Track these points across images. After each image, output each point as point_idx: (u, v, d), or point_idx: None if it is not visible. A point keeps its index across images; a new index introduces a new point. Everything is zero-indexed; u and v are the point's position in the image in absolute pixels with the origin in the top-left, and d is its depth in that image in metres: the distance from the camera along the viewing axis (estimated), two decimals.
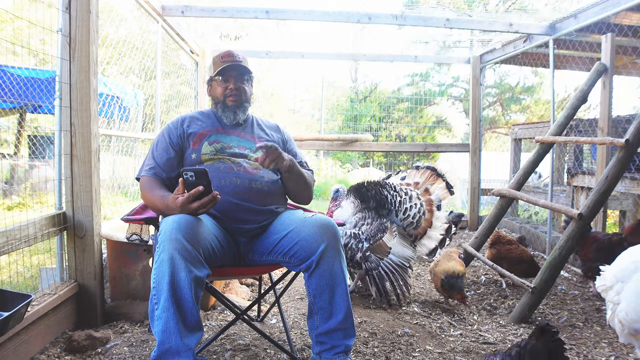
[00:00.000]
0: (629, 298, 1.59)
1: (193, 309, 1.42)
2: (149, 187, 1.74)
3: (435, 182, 2.98)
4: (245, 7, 3.61)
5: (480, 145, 5.17)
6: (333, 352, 1.61)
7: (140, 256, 2.31)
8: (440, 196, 2.93)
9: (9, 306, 1.53)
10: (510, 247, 3.03)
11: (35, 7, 1.96)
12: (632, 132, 2.45)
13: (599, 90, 3.16)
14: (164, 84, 4.42)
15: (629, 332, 1.61)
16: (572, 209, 2.60)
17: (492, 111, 12.77)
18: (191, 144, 1.83)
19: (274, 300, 2.35)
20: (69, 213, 2.14)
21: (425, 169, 3.04)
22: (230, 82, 1.87)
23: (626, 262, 1.68)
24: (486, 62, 5.02)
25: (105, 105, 3.58)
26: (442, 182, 2.97)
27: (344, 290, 1.61)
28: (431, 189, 2.96)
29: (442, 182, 2.97)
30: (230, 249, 1.73)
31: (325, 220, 1.65)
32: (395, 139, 9.12)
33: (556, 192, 4.39)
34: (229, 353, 1.91)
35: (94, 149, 2.15)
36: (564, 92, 9.52)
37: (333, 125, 10.57)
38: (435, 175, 2.99)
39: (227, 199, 1.72)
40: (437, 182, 2.98)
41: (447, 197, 2.93)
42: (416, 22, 3.85)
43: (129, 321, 2.24)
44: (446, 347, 2.10)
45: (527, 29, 3.87)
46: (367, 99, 12.28)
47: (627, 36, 3.70)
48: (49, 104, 4.89)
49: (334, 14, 3.78)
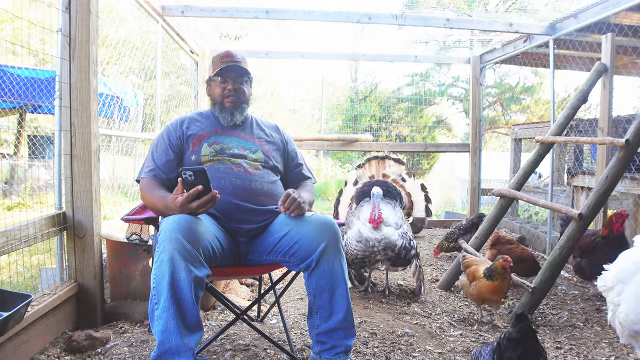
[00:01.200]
0: (629, 300, 1.59)
1: (193, 309, 1.42)
2: (148, 188, 1.74)
3: (384, 164, 3.21)
4: (245, 7, 3.61)
5: (480, 145, 5.17)
6: (333, 352, 1.61)
7: (140, 256, 2.31)
8: (396, 171, 3.18)
9: (8, 306, 1.53)
10: (511, 247, 3.03)
11: (35, 7, 1.96)
12: (632, 132, 2.45)
13: (599, 90, 3.16)
14: (164, 84, 4.42)
15: (629, 333, 1.61)
16: (572, 209, 2.60)
17: (492, 111, 12.76)
18: (191, 146, 1.83)
19: (274, 300, 2.34)
20: (69, 213, 2.14)
21: (368, 161, 3.27)
22: (229, 82, 1.87)
23: (627, 263, 1.67)
24: (486, 62, 5.02)
25: (105, 105, 3.57)
26: (390, 160, 3.20)
27: (344, 289, 1.61)
28: (387, 171, 3.19)
29: (390, 160, 3.20)
30: (230, 249, 1.73)
31: (325, 219, 1.65)
32: (395, 139, 9.12)
33: (556, 192, 4.39)
34: (229, 353, 1.91)
35: (94, 149, 2.15)
36: (564, 92, 9.51)
37: (333, 125, 10.56)
38: (379, 159, 3.23)
39: (227, 199, 1.72)
40: (386, 162, 3.21)
41: (400, 167, 3.20)
42: (416, 22, 3.85)
43: (129, 321, 2.23)
44: (446, 347, 2.10)
45: (527, 29, 3.87)
46: (367, 99, 12.26)
47: (627, 36, 3.70)
48: (49, 104, 4.89)
49: (334, 14, 3.78)
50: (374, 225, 2.52)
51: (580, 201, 3.90)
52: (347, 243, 2.60)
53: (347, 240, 2.61)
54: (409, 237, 2.65)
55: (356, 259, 2.63)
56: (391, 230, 2.58)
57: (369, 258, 2.58)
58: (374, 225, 2.52)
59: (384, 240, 2.52)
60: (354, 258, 2.61)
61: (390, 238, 2.53)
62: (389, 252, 2.55)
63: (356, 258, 2.61)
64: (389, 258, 2.60)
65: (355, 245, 2.56)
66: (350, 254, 2.59)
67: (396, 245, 2.55)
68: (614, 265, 1.75)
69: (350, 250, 2.58)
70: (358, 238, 2.55)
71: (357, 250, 2.56)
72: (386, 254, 2.57)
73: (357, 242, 2.55)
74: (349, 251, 2.58)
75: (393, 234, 2.56)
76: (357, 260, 2.63)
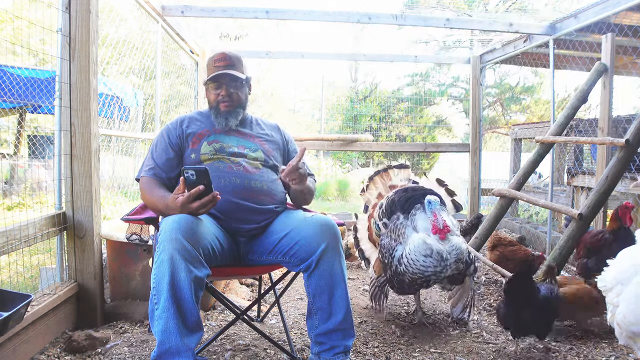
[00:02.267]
0: (627, 301, 1.59)
1: (193, 309, 1.42)
2: (148, 187, 1.74)
3: (389, 176, 2.85)
4: (245, 7, 3.61)
5: (481, 145, 5.17)
6: (332, 352, 1.61)
7: (140, 256, 2.31)
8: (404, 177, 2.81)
9: (8, 306, 1.53)
10: (514, 249, 3.01)
11: (35, 7, 1.96)
12: (632, 132, 2.45)
13: (599, 90, 3.16)
14: (164, 84, 4.42)
15: (627, 334, 1.61)
16: (572, 209, 2.60)
17: (492, 111, 12.76)
18: (190, 144, 1.83)
19: (274, 300, 2.34)
20: (69, 213, 2.14)
21: (370, 180, 2.86)
22: (222, 88, 1.85)
23: (626, 265, 1.67)
24: (486, 62, 5.02)
25: (105, 105, 3.57)
26: (392, 169, 2.85)
27: (344, 290, 1.61)
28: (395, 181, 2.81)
29: (393, 169, 2.85)
30: (230, 249, 1.73)
31: (326, 220, 1.65)
32: (395, 139, 9.12)
33: (556, 192, 4.39)
34: (229, 353, 1.91)
35: (94, 149, 2.15)
36: (564, 92, 9.51)
37: (333, 125, 10.57)
38: (382, 172, 2.86)
39: (227, 198, 1.72)
40: (391, 173, 2.85)
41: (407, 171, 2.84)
42: (416, 22, 3.85)
43: (129, 321, 2.24)
44: (446, 347, 2.10)
45: (527, 29, 3.87)
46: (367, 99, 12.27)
47: (627, 36, 3.70)
48: (48, 104, 4.89)
49: (334, 14, 3.78)
50: (441, 235, 2.14)
51: (580, 201, 3.90)
52: (405, 261, 2.15)
53: (407, 257, 2.15)
54: (468, 247, 2.29)
55: (421, 278, 2.14)
56: (459, 239, 2.21)
57: (437, 275, 2.14)
58: (441, 236, 2.14)
59: (454, 252, 2.14)
60: (419, 277, 2.14)
61: (461, 247, 2.16)
62: (460, 264, 2.18)
63: (422, 276, 2.13)
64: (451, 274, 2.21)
65: (423, 261, 2.11)
66: (413, 272, 2.13)
67: (464, 257, 2.18)
68: (613, 265, 1.75)
69: (414, 268, 2.13)
70: (426, 251, 2.11)
71: (425, 266, 2.10)
72: (457, 268, 2.17)
73: (426, 257, 2.11)
74: (410, 270, 2.14)
75: (462, 243, 2.19)
76: (423, 279, 2.14)
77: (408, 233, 2.27)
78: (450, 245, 2.13)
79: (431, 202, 2.22)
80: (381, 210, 2.48)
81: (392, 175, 2.84)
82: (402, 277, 2.18)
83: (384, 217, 2.44)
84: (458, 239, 2.19)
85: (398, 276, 2.18)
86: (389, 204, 2.46)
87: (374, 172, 2.89)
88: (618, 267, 1.71)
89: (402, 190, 2.48)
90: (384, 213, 2.45)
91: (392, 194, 2.50)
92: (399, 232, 2.30)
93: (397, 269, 2.18)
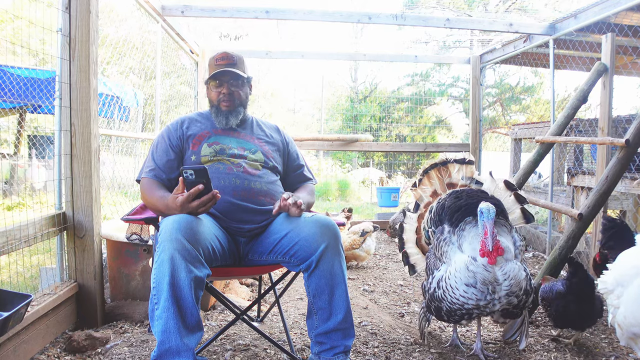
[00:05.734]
0: (628, 303, 1.60)
1: (193, 309, 1.42)
2: (148, 188, 1.74)
3: (447, 171, 2.23)
4: (245, 7, 3.61)
5: (480, 145, 5.17)
6: (332, 352, 1.61)
7: (140, 256, 2.31)
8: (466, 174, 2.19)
9: (8, 306, 1.53)
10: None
11: (35, 7, 1.96)
12: (632, 132, 2.45)
13: (599, 90, 3.16)
14: (164, 84, 4.43)
15: (627, 336, 1.62)
16: (572, 209, 2.60)
17: (492, 111, 12.77)
18: (191, 146, 1.83)
19: (274, 300, 2.34)
20: (69, 213, 2.14)
21: (425, 174, 2.27)
22: (224, 86, 1.86)
23: (627, 267, 1.68)
24: (486, 62, 5.02)
25: (105, 105, 3.58)
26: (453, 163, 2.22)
27: (344, 290, 1.61)
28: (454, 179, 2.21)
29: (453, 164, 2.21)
30: (230, 249, 1.74)
31: (326, 220, 1.65)
32: (395, 139, 9.13)
33: (556, 192, 4.39)
34: (229, 353, 1.91)
35: (94, 149, 2.15)
36: (564, 92, 9.51)
37: (333, 125, 10.58)
38: (439, 167, 2.24)
39: (227, 199, 1.72)
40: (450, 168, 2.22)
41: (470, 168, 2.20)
42: (416, 22, 3.85)
43: (129, 321, 2.24)
44: (446, 347, 2.10)
45: (527, 29, 3.87)
46: (367, 99, 12.28)
47: (627, 36, 3.70)
48: (49, 104, 4.89)
49: (334, 14, 3.78)
50: (490, 260, 1.70)
51: (580, 201, 3.90)
52: (444, 285, 1.80)
53: (446, 281, 1.80)
54: (529, 274, 1.81)
55: (461, 310, 1.77)
56: (515, 265, 1.75)
57: (481, 310, 1.76)
58: (490, 260, 1.70)
59: (507, 282, 1.71)
60: (458, 308, 1.77)
61: (518, 277, 1.73)
62: (514, 299, 1.74)
63: (461, 309, 1.77)
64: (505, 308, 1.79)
65: (464, 291, 1.73)
66: (451, 302, 1.78)
67: (521, 289, 1.75)
68: (614, 267, 1.75)
69: (452, 297, 1.77)
70: (468, 280, 1.72)
71: (465, 297, 1.73)
72: (509, 302, 1.75)
73: (468, 287, 1.72)
74: (448, 297, 1.78)
75: (519, 271, 1.75)
76: (463, 311, 1.78)
77: (451, 254, 1.85)
78: (502, 274, 1.72)
79: (483, 211, 1.72)
80: (431, 215, 2.11)
81: (451, 170, 2.23)
82: (439, 304, 1.84)
83: (432, 225, 2.08)
84: (514, 265, 1.75)
85: (435, 302, 1.85)
86: (438, 210, 2.07)
87: (430, 165, 2.31)
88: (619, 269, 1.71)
89: (455, 196, 2.04)
90: (432, 220, 2.08)
91: (445, 197, 2.09)
92: (441, 250, 1.90)
93: (435, 292, 1.84)
